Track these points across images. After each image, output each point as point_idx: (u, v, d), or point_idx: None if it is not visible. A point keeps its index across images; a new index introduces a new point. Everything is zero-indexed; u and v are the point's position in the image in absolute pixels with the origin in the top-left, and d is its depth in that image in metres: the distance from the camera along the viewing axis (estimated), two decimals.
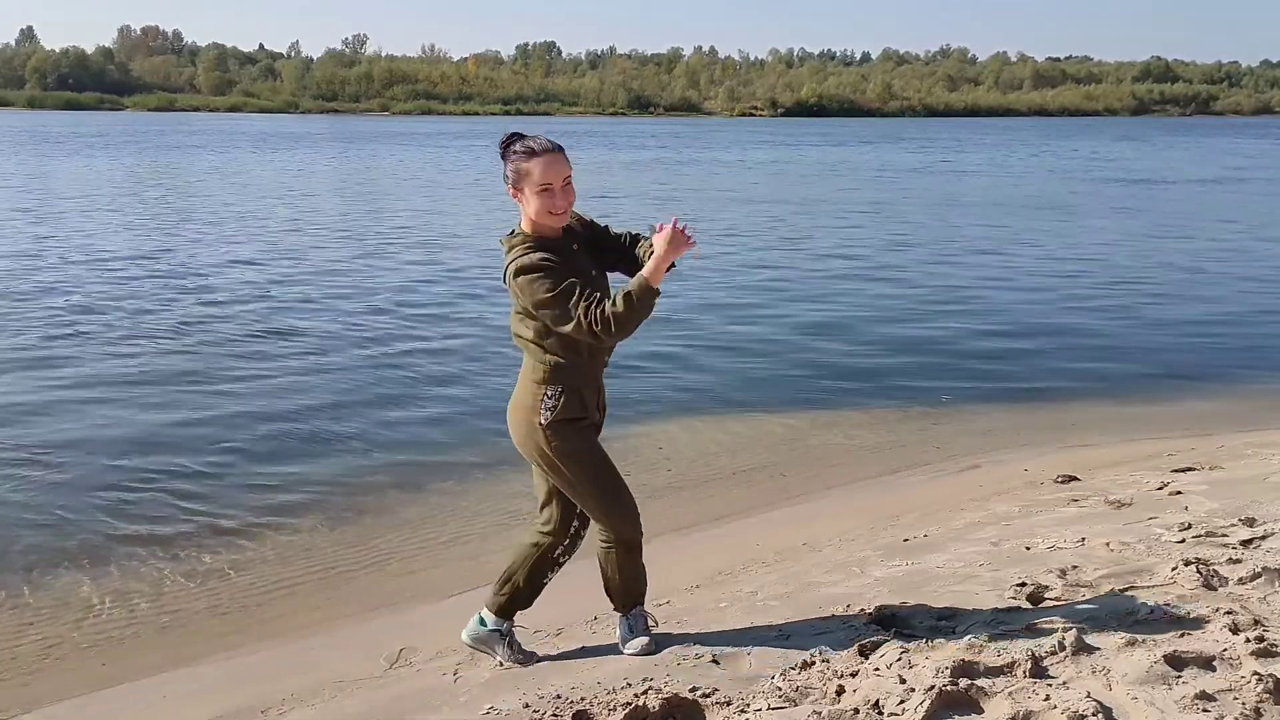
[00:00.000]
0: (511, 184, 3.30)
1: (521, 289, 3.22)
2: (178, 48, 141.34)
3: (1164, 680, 3.00)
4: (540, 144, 3.25)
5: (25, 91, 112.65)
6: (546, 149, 3.24)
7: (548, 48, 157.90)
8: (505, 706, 3.27)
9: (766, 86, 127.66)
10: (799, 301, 12.58)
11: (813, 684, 3.17)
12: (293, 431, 7.39)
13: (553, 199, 3.23)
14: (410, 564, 5.30)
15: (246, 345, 9.92)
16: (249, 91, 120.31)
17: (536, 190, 3.23)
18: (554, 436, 3.35)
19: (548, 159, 3.23)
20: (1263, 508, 4.86)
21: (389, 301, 12.17)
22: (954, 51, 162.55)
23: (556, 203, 3.24)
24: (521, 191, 3.27)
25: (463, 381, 8.82)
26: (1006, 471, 6.46)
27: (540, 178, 3.22)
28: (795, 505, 6.09)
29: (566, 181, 3.25)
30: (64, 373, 8.86)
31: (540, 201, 3.23)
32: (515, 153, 3.27)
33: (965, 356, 9.87)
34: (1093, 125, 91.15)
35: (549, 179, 3.22)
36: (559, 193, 3.24)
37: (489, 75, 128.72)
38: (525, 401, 3.40)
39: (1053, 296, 12.94)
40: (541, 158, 3.23)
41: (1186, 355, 10.05)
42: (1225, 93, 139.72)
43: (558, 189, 3.23)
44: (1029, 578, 4.01)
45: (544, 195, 3.23)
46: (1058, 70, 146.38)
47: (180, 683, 4.11)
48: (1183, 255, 16.46)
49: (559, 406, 3.34)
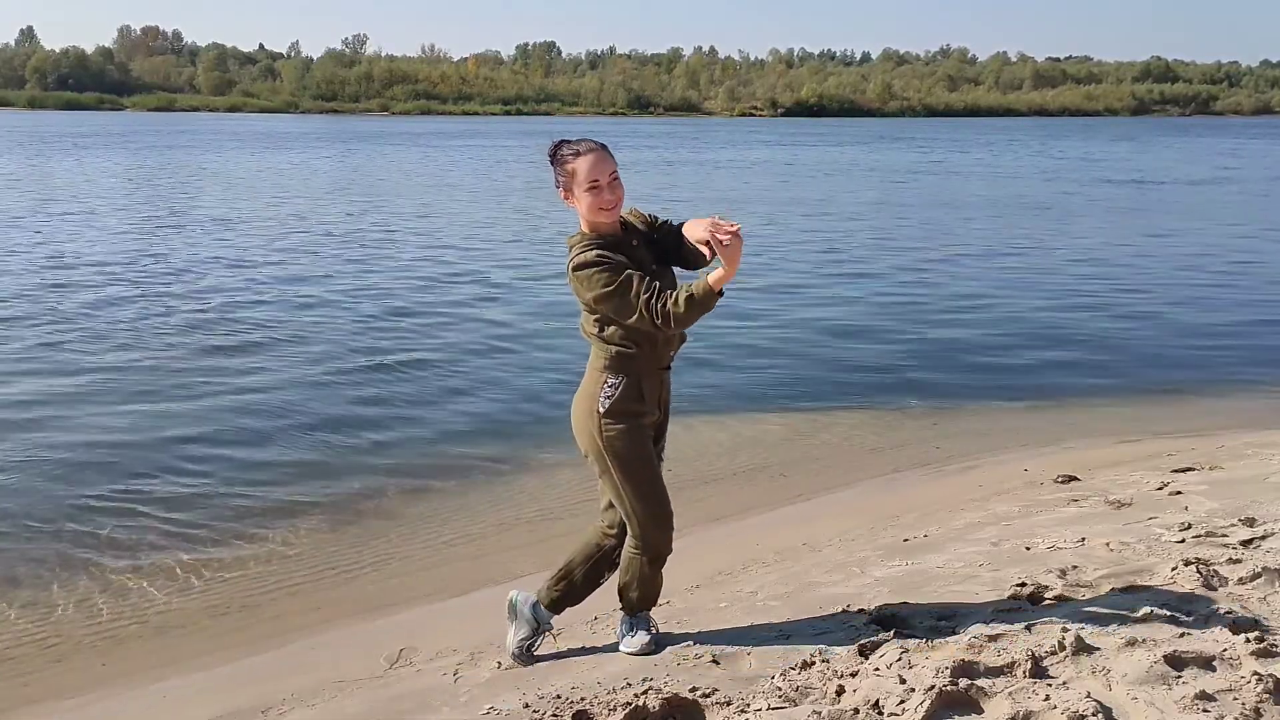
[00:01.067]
0: (563, 188, 3.40)
1: (580, 284, 3.31)
2: (178, 48, 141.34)
3: (1164, 680, 3.00)
4: (584, 145, 3.37)
5: (25, 91, 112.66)
6: (591, 149, 3.35)
7: (548, 48, 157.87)
8: (505, 706, 3.27)
9: (766, 86, 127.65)
10: (798, 301, 12.58)
11: (813, 684, 3.17)
12: (293, 432, 7.39)
13: (601, 195, 3.32)
14: (410, 564, 5.30)
15: (246, 345, 9.92)
16: (249, 91, 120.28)
17: (585, 188, 3.32)
18: (609, 426, 3.41)
19: (592, 157, 3.32)
20: (1263, 508, 4.86)
21: (389, 301, 12.16)
22: (954, 51, 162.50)
23: (605, 198, 3.33)
24: (572, 193, 3.37)
25: (463, 382, 8.81)
26: (1006, 471, 6.46)
27: (587, 176, 3.31)
28: (795, 505, 6.09)
29: (613, 177, 3.34)
30: (64, 371, 8.86)
31: (590, 199, 3.33)
32: (562, 157, 3.37)
33: (965, 357, 9.87)
34: (1092, 125, 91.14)
35: (595, 175, 3.31)
36: (606, 188, 3.33)
37: (489, 75, 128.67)
38: (589, 390, 3.46)
39: (1053, 297, 12.93)
40: (586, 157, 3.32)
41: (1186, 355, 10.05)
42: (1225, 93, 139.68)
43: (605, 184, 3.32)
44: (1029, 578, 4.01)
45: (593, 192, 3.32)
46: (1058, 70, 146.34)
47: (180, 683, 4.11)
48: (1182, 255, 16.46)
49: (617, 395, 3.40)
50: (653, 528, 3.46)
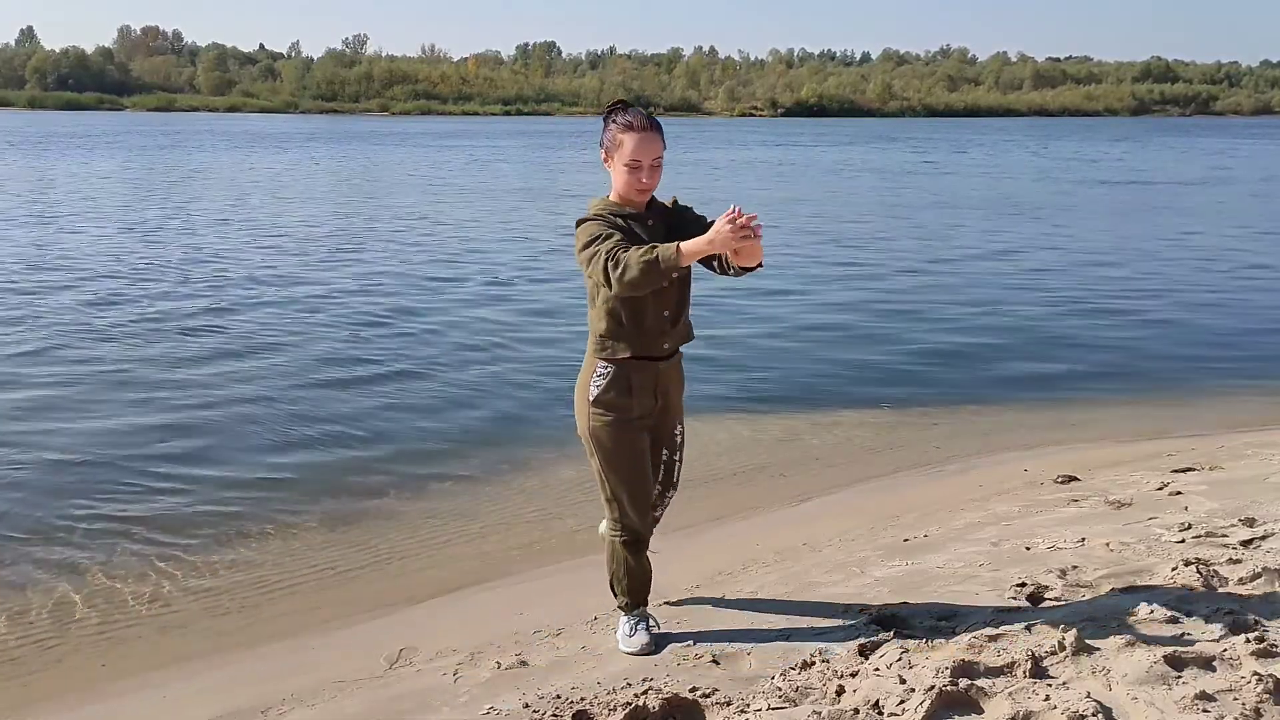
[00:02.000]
0: (605, 151, 3.39)
1: (576, 240, 3.33)
2: (178, 48, 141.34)
3: (1164, 680, 3.00)
4: (639, 121, 3.34)
5: (25, 92, 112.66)
6: (645, 127, 3.33)
7: (548, 48, 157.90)
8: (505, 706, 3.27)
9: (766, 86, 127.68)
10: (799, 301, 12.58)
11: (813, 684, 3.17)
12: (292, 432, 7.39)
13: (638, 175, 3.32)
14: (410, 564, 5.30)
15: (245, 345, 9.91)
16: (249, 91, 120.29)
17: (626, 163, 3.32)
18: (596, 416, 3.44)
19: (643, 136, 3.32)
20: (1263, 508, 4.86)
21: (388, 301, 12.15)
22: (954, 51, 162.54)
23: (642, 180, 3.33)
24: (611, 160, 3.38)
25: (463, 381, 8.80)
26: (1006, 471, 6.46)
27: (631, 153, 3.31)
28: (795, 505, 6.09)
29: (656, 162, 3.35)
30: (64, 370, 8.85)
31: (627, 175, 3.33)
32: (615, 123, 3.35)
33: (965, 357, 9.86)
34: (1092, 126, 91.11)
35: (639, 155, 3.31)
36: (646, 170, 3.33)
37: (489, 75, 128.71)
38: (584, 377, 3.50)
39: (1052, 297, 12.93)
40: (638, 135, 3.31)
41: (1187, 355, 10.05)
42: (1225, 93, 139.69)
43: (646, 166, 3.32)
44: (1029, 578, 4.01)
45: (631, 170, 3.32)
46: (1058, 70, 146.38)
47: (180, 683, 4.10)
48: (1182, 255, 16.46)
49: (605, 384, 3.42)
50: (631, 510, 3.49)
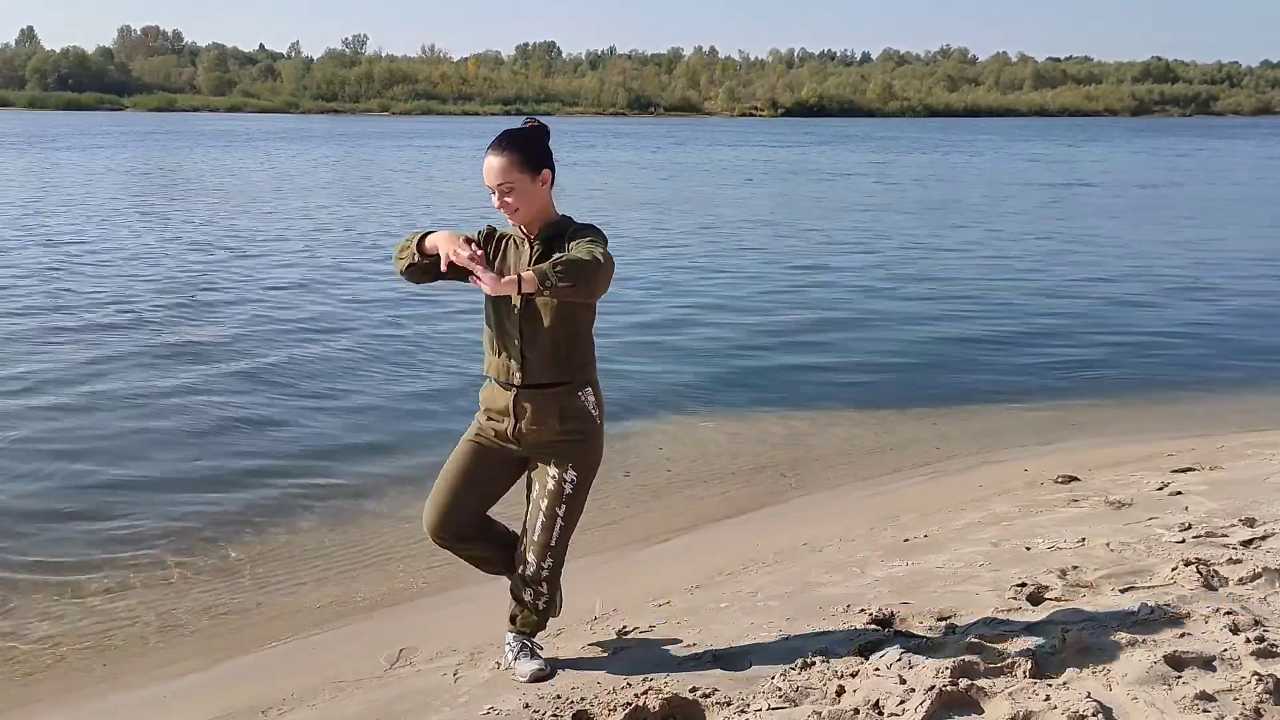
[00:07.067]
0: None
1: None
2: (178, 48, 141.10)
3: (1164, 680, 3.00)
4: (491, 145, 3.17)
5: (26, 92, 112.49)
6: (490, 152, 3.16)
7: (548, 48, 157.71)
8: (505, 706, 3.26)
9: (766, 87, 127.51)
10: (799, 301, 12.58)
11: (813, 684, 3.17)
12: (291, 431, 7.39)
13: (495, 198, 3.18)
14: (410, 564, 5.30)
15: (244, 345, 9.91)
16: (249, 91, 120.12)
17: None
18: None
19: (485, 162, 3.18)
20: (1263, 508, 4.86)
21: (388, 300, 12.16)
22: (954, 51, 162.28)
23: (496, 203, 3.19)
24: None
25: (462, 381, 8.80)
26: (1006, 471, 6.46)
27: (484, 178, 3.19)
28: (795, 505, 6.09)
29: (502, 187, 3.13)
30: (63, 368, 8.85)
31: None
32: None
33: (965, 357, 9.87)
34: (1092, 126, 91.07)
35: (488, 181, 3.17)
36: (497, 197, 3.17)
37: (489, 75, 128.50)
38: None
39: (1052, 297, 12.93)
40: (485, 159, 3.18)
41: (1186, 355, 10.06)
42: (1226, 93, 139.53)
43: (495, 192, 3.16)
44: (1029, 578, 4.01)
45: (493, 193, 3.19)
46: (1058, 70, 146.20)
47: (180, 683, 4.11)
48: (1181, 256, 16.46)
49: (482, 388, 3.41)
50: (427, 502, 3.44)
